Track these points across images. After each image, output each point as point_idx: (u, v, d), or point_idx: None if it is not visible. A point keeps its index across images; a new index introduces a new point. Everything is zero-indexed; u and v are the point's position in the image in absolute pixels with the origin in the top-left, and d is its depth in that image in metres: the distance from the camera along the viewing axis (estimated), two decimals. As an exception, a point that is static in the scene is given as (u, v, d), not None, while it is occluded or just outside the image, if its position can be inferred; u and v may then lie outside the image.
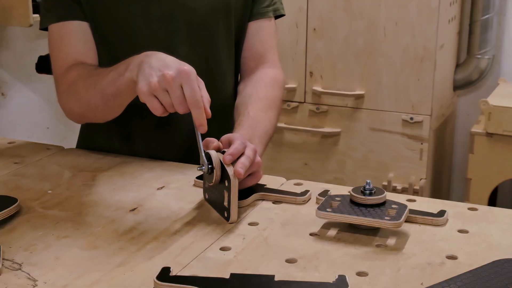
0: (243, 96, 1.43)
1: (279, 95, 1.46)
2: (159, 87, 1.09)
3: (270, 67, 1.48)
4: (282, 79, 1.50)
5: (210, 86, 1.44)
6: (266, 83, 1.45)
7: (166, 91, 1.09)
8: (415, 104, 2.44)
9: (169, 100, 1.10)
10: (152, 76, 1.10)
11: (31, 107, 2.72)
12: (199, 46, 1.42)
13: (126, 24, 1.38)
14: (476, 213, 1.14)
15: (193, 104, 1.08)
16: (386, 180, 2.49)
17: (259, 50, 1.49)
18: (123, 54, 1.41)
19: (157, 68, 1.10)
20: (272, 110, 1.41)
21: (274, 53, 1.51)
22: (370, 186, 1.07)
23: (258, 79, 1.45)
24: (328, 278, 0.91)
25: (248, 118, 1.35)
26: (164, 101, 1.10)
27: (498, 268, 0.91)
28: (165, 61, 1.11)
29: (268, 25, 1.51)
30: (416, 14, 2.36)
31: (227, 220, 1.10)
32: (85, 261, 0.98)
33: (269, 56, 1.50)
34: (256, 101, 1.40)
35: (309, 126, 2.60)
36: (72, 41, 1.38)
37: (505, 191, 2.76)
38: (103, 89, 1.25)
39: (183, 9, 1.38)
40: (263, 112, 1.38)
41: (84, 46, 1.38)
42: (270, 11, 1.50)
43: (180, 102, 1.09)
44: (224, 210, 1.11)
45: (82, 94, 1.31)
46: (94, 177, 1.30)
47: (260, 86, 1.43)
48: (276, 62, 1.51)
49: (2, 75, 2.62)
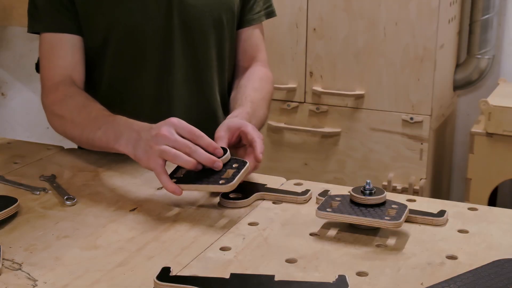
0: (239, 87, 1.48)
1: (271, 90, 1.53)
2: (162, 152, 1.13)
3: (261, 66, 1.54)
4: (272, 78, 1.56)
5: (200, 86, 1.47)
6: (260, 76, 1.51)
7: (168, 148, 1.13)
8: (415, 104, 2.43)
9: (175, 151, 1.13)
10: (150, 144, 1.15)
11: (31, 107, 2.72)
12: (194, 43, 1.43)
13: (125, 21, 1.39)
14: (476, 213, 1.14)
15: (195, 138, 1.14)
16: (386, 180, 2.49)
17: (251, 53, 1.55)
18: (124, 53, 1.42)
19: (148, 136, 1.16)
20: (266, 101, 1.47)
21: (264, 54, 1.58)
22: (370, 186, 1.07)
23: (253, 73, 1.51)
24: (328, 278, 0.91)
25: (247, 102, 1.39)
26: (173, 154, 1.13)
27: (498, 268, 0.91)
28: (152, 127, 1.17)
29: (259, 29, 1.56)
30: (416, 14, 2.36)
31: (224, 185, 1.09)
32: (85, 261, 0.98)
33: (260, 56, 1.56)
34: (253, 90, 1.45)
35: (309, 126, 2.59)
36: (61, 54, 1.41)
37: (505, 191, 2.76)
38: (90, 139, 1.31)
39: (181, 5, 1.40)
40: (259, 100, 1.43)
41: (72, 59, 1.42)
42: (262, 15, 1.56)
43: (187, 145, 1.12)
44: (219, 180, 1.10)
45: (67, 126, 1.36)
46: (94, 177, 1.30)
47: (254, 79, 1.49)
48: (266, 63, 1.57)
49: (2, 75, 2.62)
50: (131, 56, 1.42)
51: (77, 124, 1.33)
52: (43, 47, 1.43)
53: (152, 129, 1.17)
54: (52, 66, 1.41)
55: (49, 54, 1.42)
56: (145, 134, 1.17)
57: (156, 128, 1.16)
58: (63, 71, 1.40)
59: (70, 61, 1.41)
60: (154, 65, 1.42)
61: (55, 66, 1.41)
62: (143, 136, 1.18)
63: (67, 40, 1.41)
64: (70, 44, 1.41)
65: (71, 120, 1.34)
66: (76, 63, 1.42)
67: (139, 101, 1.44)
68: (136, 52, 1.42)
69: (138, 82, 1.43)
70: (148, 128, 1.18)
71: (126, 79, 1.44)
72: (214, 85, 1.49)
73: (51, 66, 1.42)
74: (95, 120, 1.29)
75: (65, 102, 1.36)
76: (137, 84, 1.44)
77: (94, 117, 1.30)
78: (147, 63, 1.42)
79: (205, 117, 1.48)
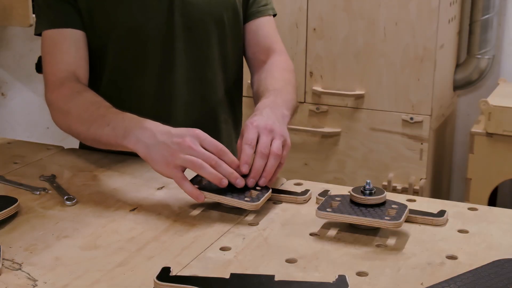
0: (260, 81, 1.46)
1: (291, 77, 1.48)
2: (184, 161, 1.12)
3: (279, 56, 1.51)
4: (292, 66, 1.53)
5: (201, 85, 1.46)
6: (279, 67, 1.48)
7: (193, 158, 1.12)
8: (415, 104, 2.43)
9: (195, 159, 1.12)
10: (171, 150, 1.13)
11: (31, 107, 2.72)
12: (195, 42, 1.43)
13: (127, 21, 1.39)
14: (476, 213, 1.14)
15: (221, 154, 1.14)
16: (386, 180, 2.49)
17: (266, 44, 1.52)
18: (125, 52, 1.41)
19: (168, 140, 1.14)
20: (290, 87, 1.43)
21: (279, 44, 1.54)
22: (370, 186, 1.07)
23: (271, 64, 1.49)
24: (328, 278, 0.91)
25: (268, 93, 1.37)
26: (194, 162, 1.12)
27: (498, 268, 0.91)
28: (172, 132, 1.15)
29: (268, 20, 1.54)
30: (416, 14, 2.36)
31: (249, 203, 1.10)
32: (85, 261, 0.98)
33: (275, 47, 1.52)
34: (272, 79, 1.43)
35: (309, 126, 2.59)
36: (64, 48, 1.39)
37: (505, 191, 2.76)
38: (97, 135, 1.27)
39: (182, 4, 1.40)
40: (281, 87, 1.40)
41: (76, 54, 1.40)
42: (269, 9, 1.54)
43: (211, 158, 1.12)
44: (244, 197, 1.12)
45: (73, 122, 1.33)
46: (94, 177, 1.30)
47: (273, 70, 1.47)
48: (284, 52, 1.53)
49: (2, 75, 2.62)
50: (133, 55, 1.42)
51: (84, 120, 1.30)
52: (45, 44, 1.41)
53: (173, 135, 1.15)
54: (56, 61, 1.39)
55: (52, 50, 1.40)
56: (164, 138, 1.15)
57: (179, 136, 1.14)
58: (67, 67, 1.39)
59: (74, 56, 1.39)
60: (155, 64, 1.42)
61: (58, 61, 1.39)
62: (161, 139, 1.15)
63: (70, 35, 1.39)
64: (73, 39, 1.39)
65: (78, 116, 1.31)
66: (80, 59, 1.40)
67: (141, 99, 1.44)
68: (138, 50, 1.42)
69: (140, 80, 1.43)
70: (166, 132, 1.16)
71: (127, 78, 1.44)
72: (216, 83, 1.48)
73: (54, 61, 1.39)
74: (103, 117, 1.27)
75: (71, 98, 1.34)
76: (139, 82, 1.44)
77: (102, 114, 1.28)
78: (148, 61, 1.42)
79: (206, 116, 1.48)
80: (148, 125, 1.19)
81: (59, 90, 1.37)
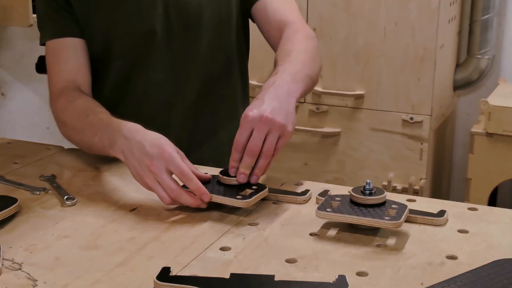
0: (275, 60, 1.35)
1: (308, 45, 1.36)
2: (150, 181, 1.14)
3: (292, 26, 1.40)
4: (309, 32, 1.41)
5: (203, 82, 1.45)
6: (290, 38, 1.36)
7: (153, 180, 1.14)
8: (415, 104, 2.43)
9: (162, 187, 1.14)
10: (141, 168, 1.15)
11: (31, 107, 2.72)
12: (194, 39, 1.43)
13: (124, 24, 1.39)
14: (476, 213, 1.14)
15: (185, 180, 1.13)
16: (386, 180, 2.49)
17: (276, 19, 1.43)
18: (126, 55, 1.42)
19: (140, 158, 1.15)
20: (303, 54, 1.32)
21: (293, 14, 1.43)
22: (370, 186, 1.07)
23: (283, 39, 1.37)
24: (328, 278, 0.91)
25: (276, 67, 1.27)
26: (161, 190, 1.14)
27: (498, 268, 0.91)
28: (145, 150, 1.15)
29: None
30: (416, 14, 2.36)
31: (240, 200, 1.11)
32: (85, 261, 0.98)
33: (287, 18, 1.42)
34: (281, 53, 1.32)
35: (309, 126, 2.59)
36: (64, 58, 1.42)
37: (505, 191, 2.76)
38: (89, 144, 1.30)
39: (177, 3, 1.40)
40: (292, 57, 1.29)
41: (76, 62, 1.42)
42: None
43: (172, 189, 1.12)
44: (236, 195, 1.12)
45: (70, 132, 1.35)
46: (94, 177, 1.30)
47: (284, 43, 1.36)
48: (298, 20, 1.43)
49: (2, 75, 2.63)
50: (133, 57, 1.42)
51: (77, 130, 1.32)
52: (48, 55, 1.44)
53: (144, 155, 1.14)
54: (57, 72, 1.42)
55: (53, 60, 1.43)
56: (137, 154, 1.15)
57: (149, 158, 1.13)
58: (67, 76, 1.40)
59: (74, 65, 1.41)
60: (156, 64, 1.42)
61: (59, 71, 1.42)
62: (136, 155, 1.16)
63: (69, 44, 1.41)
64: (72, 48, 1.41)
65: (72, 126, 1.34)
66: (80, 66, 1.42)
67: (144, 101, 1.44)
68: (138, 53, 1.42)
69: (142, 82, 1.44)
70: (140, 147, 1.15)
71: (129, 80, 1.44)
72: (217, 80, 1.47)
73: (55, 72, 1.42)
74: (92, 126, 1.28)
75: (67, 108, 1.36)
76: (141, 84, 1.44)
77: (91, 123, 1.29)
78: (149, 62, 1.42)
79: (207, 115, 1.48)
80: (128, 134, 1.19)
81: (58, 101, 1.39)
